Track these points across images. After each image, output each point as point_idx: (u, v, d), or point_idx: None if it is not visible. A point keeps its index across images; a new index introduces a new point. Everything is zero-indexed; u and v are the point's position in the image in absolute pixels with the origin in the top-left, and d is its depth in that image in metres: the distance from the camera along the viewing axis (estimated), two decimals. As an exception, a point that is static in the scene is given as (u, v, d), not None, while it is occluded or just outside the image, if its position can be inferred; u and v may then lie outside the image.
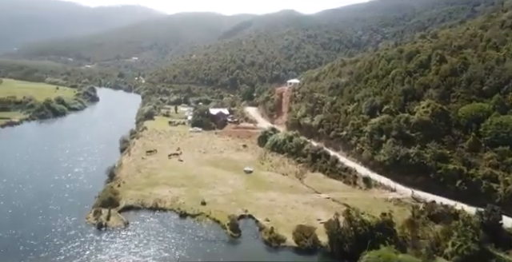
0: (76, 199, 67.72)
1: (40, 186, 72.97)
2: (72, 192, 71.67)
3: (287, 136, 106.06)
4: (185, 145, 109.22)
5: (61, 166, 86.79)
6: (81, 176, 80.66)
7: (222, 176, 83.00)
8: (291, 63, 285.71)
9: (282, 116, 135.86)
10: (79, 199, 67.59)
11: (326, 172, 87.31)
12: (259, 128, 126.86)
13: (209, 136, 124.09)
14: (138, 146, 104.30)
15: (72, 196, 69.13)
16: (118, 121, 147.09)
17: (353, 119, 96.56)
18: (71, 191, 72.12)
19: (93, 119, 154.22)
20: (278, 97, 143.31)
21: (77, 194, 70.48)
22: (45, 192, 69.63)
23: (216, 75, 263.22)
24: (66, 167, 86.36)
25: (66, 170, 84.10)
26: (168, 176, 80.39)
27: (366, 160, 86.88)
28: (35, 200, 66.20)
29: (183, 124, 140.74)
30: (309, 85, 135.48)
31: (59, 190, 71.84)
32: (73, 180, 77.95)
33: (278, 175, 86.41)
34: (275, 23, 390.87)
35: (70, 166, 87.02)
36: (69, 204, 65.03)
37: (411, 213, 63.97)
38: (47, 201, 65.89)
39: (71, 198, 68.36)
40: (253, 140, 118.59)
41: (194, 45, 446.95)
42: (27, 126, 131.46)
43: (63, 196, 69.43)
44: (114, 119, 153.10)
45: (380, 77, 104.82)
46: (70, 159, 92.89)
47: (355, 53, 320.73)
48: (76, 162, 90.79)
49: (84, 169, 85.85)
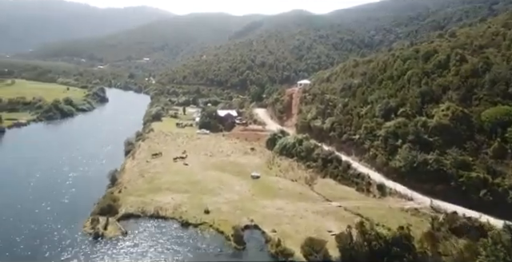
0: (75, 205, 64.66)
1: (39, 190, 70.22)
2: (72, 197, 68.66)
3: (297, 140, 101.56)
4: (191, 148, 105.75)
5: (63, 169, 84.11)
6: (82, 181, 77.70)
7: (228, 181, 79.05)
8: (302, 64, 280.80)
9: (292, 118, 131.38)
10: (78, 205, 64.52)
11: (338, 179, 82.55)
12: (268, 130, 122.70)
13: (216, 138, 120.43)
14: (143, 149, 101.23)
15: (71, 202, 66.13)
16: (126, 123, 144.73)
17: (366, 122, 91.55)
18: (71, 196, 69.11)
19: (100, 120, 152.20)
20: (288, 99, 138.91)
21: (76, 199, 67.44)
22: (43, 197, 66.76)
23: (226, 76, 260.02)
24: (67, 170, 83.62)
25: (68, 173, 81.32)
26: (171, 181, 76.84)
27: (380, 165, 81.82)
28: (32, 205, 63.35)
29: (191, 125, 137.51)
30: (320, 86, 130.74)
31: (58, 195, 68.92)
32: (74, 185, 74.98)
33: (287, 181, 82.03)
34: (286, 23, 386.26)
35: (72, 169, 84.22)
36: (66, 211, 61.87)
37: (430, 225, 58.93)
38: (44, 207, 62.96)
39: (70, 204, 65.35)
40: (261, 143, 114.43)
41: (205, 46, 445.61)
42: (34, 127, 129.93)
43: (62, 201, 66.47)
44: (122, 120, 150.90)
45: (395, 78, 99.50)
46: (72, 162, 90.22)
47: (368, 54, 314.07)
48: (79, 165, 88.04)
49: (86, 173, 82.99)
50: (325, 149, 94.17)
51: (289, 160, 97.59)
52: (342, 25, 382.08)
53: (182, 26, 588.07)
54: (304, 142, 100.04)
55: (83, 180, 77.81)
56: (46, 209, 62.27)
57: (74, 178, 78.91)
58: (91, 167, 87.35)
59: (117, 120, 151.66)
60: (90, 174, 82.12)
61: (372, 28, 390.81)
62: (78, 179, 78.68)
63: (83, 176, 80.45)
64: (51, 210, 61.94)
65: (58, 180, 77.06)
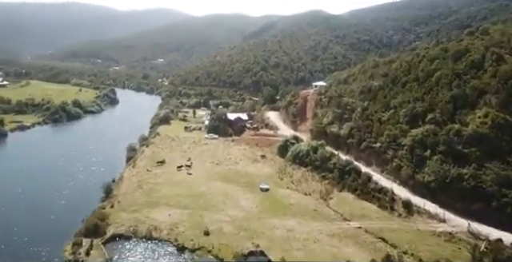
0: (61, 222, 57.68)
1: (26, 203, 63.73)
2: (60, 212, 61.76)
3: (311, 147, 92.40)
4: (197, 155, 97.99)
5: (58, 179, 77.58)
6: (75, 193, 70.86)
7: (234, 194, 70.76)
8: (318, 64, 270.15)
9: (306, 122, 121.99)
10: (65, 222, 57.49)
11: (357, 193, 73.03)
12: (280, 135, 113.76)
13: (224, 143, 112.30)
14: (145, 155, 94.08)
15: (57, 219, 59.15)
16: (133, 126, 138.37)
17: (389, 129, 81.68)
18: (59, 211, 62.25)
19: (107, 123, 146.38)
20: (302, 102, 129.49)
21: (64, 215, 60.50)
22: (28, 211, 60.13)
23: (239, 77, 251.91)
24: (62, 180, 77.04)
25: (62, 184, 74.69)
26: (172, 193, 69.09)
27: (406, 178, 71.97)
28: (13, 221, 56.59)
29: (199, 129, 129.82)
30: (337, 89, 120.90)
31: (46, 209, 62.14)
32: (65, 197, 68.22)
33: (300, 194, 73.13)
34: (302, 23, 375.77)
35: (66, 179, 77.60)
36: (50, 230, 54.89)
37: (470, 255, 49.29)
38: (26, 223, 56.07)
39: (56, 221, 58.37)
40: (272, 150, 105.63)
41: (220, 47, 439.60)
42: (38, 131, 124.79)
43: (48, 217, 59.59)
44: (129, 123, 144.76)
45: (421, 80, 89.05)
46: (70, 170, 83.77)
47: (386, 54, 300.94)
48: (76, 174, 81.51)
49: (82, 183, 76.25)
50: (342, 159, 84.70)
51: (302, 169, 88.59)
52: (359, 25, 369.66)
53: (197, 27, 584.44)
54: (319, 150, 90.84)
55: (77, 192, 70.96)
56: (27, 227, 55.32)
57: (67, 189, 72.13)
58: (89, 176, 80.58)
59: (124, 123, 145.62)
60: (85, 184, 75.29)
61: (390, 28, 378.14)
62: (71, 190, 71.92)
63: (77, 188, 73.62)
64: (32, 228, 55.00)
65: (49, 191, 70.48)
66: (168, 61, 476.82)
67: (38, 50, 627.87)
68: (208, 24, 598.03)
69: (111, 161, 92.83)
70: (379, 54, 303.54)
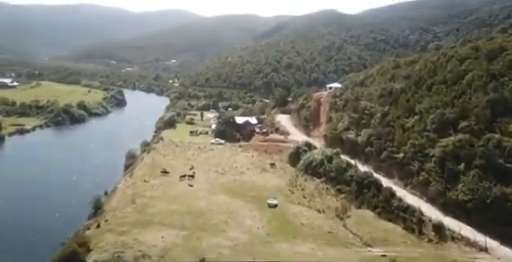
0: (40, 245, 50.23)
1: (5, 220, 56.50)
2: (41, 231, 54.51)
3: (325, 156, 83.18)
4: (201, 162, 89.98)
5: (45, 191, 70.74)
6: (63, 206, 63.78)
7: (238, 211, 62.28)
8: (331, 65, 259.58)
9: (320, 127, 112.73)
10: (45, 244, 50.05)
11: (378, 211, 63.66)
12: (291, 141, 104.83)
13: (231, 150, 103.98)
14: (145, 163, 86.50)
15: (37, 240, 51.79)
16: (138, 129, 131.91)
17: (414, 137, 72.01)
18: (41, 229, 54.96)
19: (111, 126, 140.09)
20: (316, 105, 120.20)
21: (47, 235, 53.22)
22: (3, 231, 52.82)
23: (249, 78, 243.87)
24: (50, 191, 70.17)
25: (48, 196, 67.78)
26: (168, 210, 61.07)
27: (435, 195, 62.20)
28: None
29: (206, 134, 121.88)
30: (353, 91, 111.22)
31: (26, 228, 54.98)
32: (50, 212, 61.13)
33: (312, 212, 64.09)
34: (315, 23, 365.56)
35: (55, 190, 70.66)
36: (25, 255, 47.41)
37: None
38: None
39: (34, 243, 50.96)
40: (283, 158, 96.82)
41: (232, 47, 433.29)
42: (38, 135, 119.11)
43: (28, 238, 52.26)
44: (135, 127, 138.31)
45: (450, 83, 78.93)
46: (60, 179, 77.00)
47: (403, 54, 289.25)
48: (66, 184, 74.62)
49: (71, 196, 69.09)
50: (360, 170, 75.28)
51: (315, 181, 79.53)
52: (375, 25, 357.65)
53: (209, 28, 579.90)
54: (334, 160, 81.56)
55: (63, 207, 63.90)
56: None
57: (53, 203, 65.04)
58: (81, 187, 73.48)
59: (129, 126, 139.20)
60: (76, 198, 67.89)
61: (406, 27, 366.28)
62: (57, 204, 64.89)
63: (65, 201, 66.54)
64: (3, 252, 47.59)
65: (33, 206, 63.39)
66: (180, 61, 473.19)
67: (53, 51, 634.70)
68: (219, 24, 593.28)
69: (108, 170, 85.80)
70: (395, 54, 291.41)
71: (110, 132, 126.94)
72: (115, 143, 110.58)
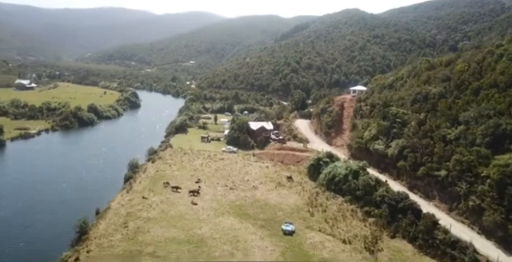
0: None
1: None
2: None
3: (350, 171, 71.36)
4: (210, 174, 79.96)
5: (29, 207, 62.19)
6: (46, 230, 54.84)
7: (247, 240, 51.63)
8: (354, 66, 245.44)
9: (343, 135, 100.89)
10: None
11: (417, 243, 51.79)
12: (311, 150, 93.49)
13: (244, 159, 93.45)
14: (147, 175, 77.23)
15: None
16: (149, 134, 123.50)
17: (459, 152, 59.63)
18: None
19: (121, 131, 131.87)
20: (338, 109, 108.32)
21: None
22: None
23: (267, 79, 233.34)
24: (36, 208, 61.63)
25: (33, 215, 59.17)
26: (164, 236, 51.11)
27: (492, 227, 49.84)
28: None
29: (218, 140, 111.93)
30: (380, 95, 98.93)
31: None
32: (30, 236, 52.30)
33: (336, 242, 52.70)
34: (337, 23, 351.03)
35: (41, 208, 62.14)
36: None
37: None
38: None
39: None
40: (301, 169, 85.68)
41: (251, 49, 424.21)
42: (42, 140, 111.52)
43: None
44: (146, 131, 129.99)
45: (502, 86, 65.96)
46: (51, 194, 68.52)
47: (430, 54, 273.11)
48: (56, 200, 65.97)
49: (58, 215, 60.25)
50: (392, 189, 63.18)
51: (338, 199, 68.10)
52: (399, 25, 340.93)
53: (230, 29, 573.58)
54: (361, 176, 69.75)
55: (47, 230, 54.89)
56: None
57: (36, 225, 56.25)
58: (71, 204, 64.58)
59: (139, 130, 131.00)
60: (64, 218, 58.73)
61: (433, 27, 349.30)
62: (41, 226, 55.98)
63: (51, 222, 57.65)
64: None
65: (10, 229, 54.63)
66: (199, 63, 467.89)
67: (80, 53, 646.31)
68: (240, 26, 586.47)
69: (107, 181, 76.96)
70: (422, 55, 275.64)
71: (118, 138, 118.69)
72: (122, 150, 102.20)
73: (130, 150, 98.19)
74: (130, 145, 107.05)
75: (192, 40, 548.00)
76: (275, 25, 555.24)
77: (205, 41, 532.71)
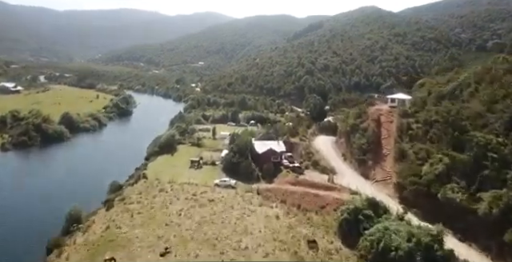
0: None
1: None
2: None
3: (418, 243, 40.72)
4: (189, 234, 50.16)
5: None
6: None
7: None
8: (375, 67, 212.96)
9: (384, 163, 69.63)
10: None
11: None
12: (340, 188, 63.03)
13: (244, 200, 63.01)
14: (88, 238, 47.95)
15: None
16: (132, 153, 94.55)
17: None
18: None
19: (96, 150, 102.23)
20: (374, 126, 77.28)
21: None
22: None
23: (278, 82, 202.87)
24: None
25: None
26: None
27: None
28: None
29: (212, 164, 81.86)
30: (438, 109, 67.60)
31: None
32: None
33: None
34: (353, 21, 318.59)
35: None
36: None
37: None
38: None
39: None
40: (329, 221, 55.27)
41: (261, 49, 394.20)
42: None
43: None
44: (129, 150, 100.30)
45: None
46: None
47: (457, 54, 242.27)
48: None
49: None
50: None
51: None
52: (421, 23, 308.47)
53: (239, 29, 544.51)
54: (438, 252, 39.11)
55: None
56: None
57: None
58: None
59: (119, 149, 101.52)
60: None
61: (457, 25, 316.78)
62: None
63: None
64: None
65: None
66: (208, 64, 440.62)
67: (92, 54, 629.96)
68: (251, 26, 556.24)
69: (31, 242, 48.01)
70: (450, 54, 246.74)
71: (85, 161, 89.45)
72: (76, 184, 72.76)
73: (90, 184, 69.16)
74: (97, 174, 77.75)
75: (202, 40, 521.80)
76: (287, 25, 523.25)
77: (214, 42, 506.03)
